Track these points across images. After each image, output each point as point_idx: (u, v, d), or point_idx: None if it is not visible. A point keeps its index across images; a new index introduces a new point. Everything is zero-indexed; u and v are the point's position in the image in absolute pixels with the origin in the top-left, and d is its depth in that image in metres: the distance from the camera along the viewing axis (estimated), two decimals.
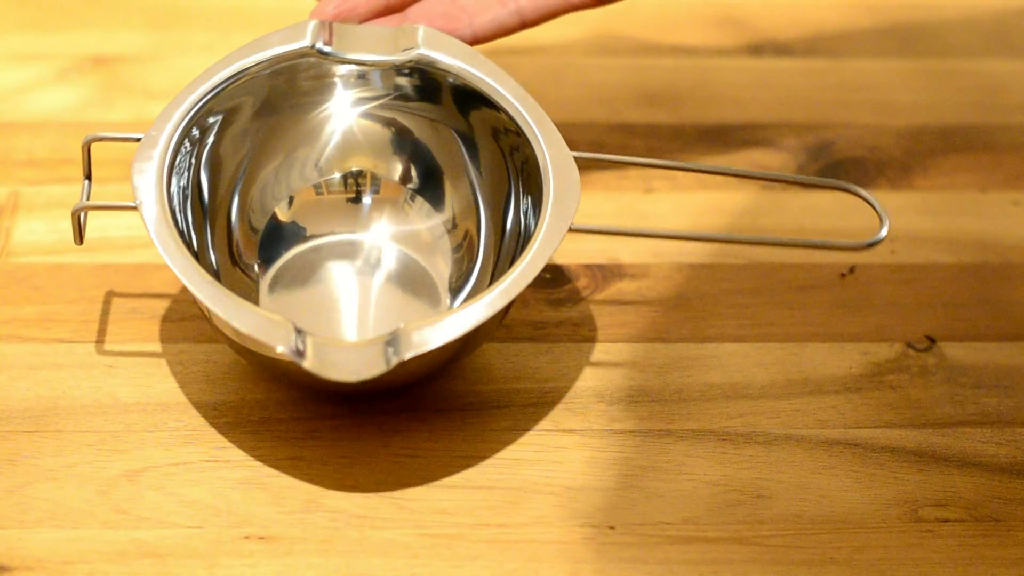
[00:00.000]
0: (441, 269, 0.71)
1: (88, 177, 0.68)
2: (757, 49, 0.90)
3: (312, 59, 0.69)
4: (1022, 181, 0.81)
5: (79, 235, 0.67)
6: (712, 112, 0.85)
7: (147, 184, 0.65)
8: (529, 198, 0.68)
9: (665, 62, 0.88)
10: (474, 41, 0.71)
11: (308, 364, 0.60)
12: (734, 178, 0.79)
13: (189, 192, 0.68)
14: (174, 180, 0.66)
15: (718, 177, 0.80)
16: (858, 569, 0.61)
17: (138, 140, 0.66)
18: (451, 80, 0.70)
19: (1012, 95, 0.87)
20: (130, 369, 0.68)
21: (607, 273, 0.74)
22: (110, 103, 0.83)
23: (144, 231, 0.63)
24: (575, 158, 0.66)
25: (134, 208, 0.64)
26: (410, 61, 0.69)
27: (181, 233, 0.64)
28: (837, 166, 0.81)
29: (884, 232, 0.66)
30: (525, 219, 0.68)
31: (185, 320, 0.70)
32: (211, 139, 0.69)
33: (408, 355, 0.60)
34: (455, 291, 0.70)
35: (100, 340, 0.69)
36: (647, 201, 0.78)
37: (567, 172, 0.66)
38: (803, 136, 0.83)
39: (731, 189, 0.79)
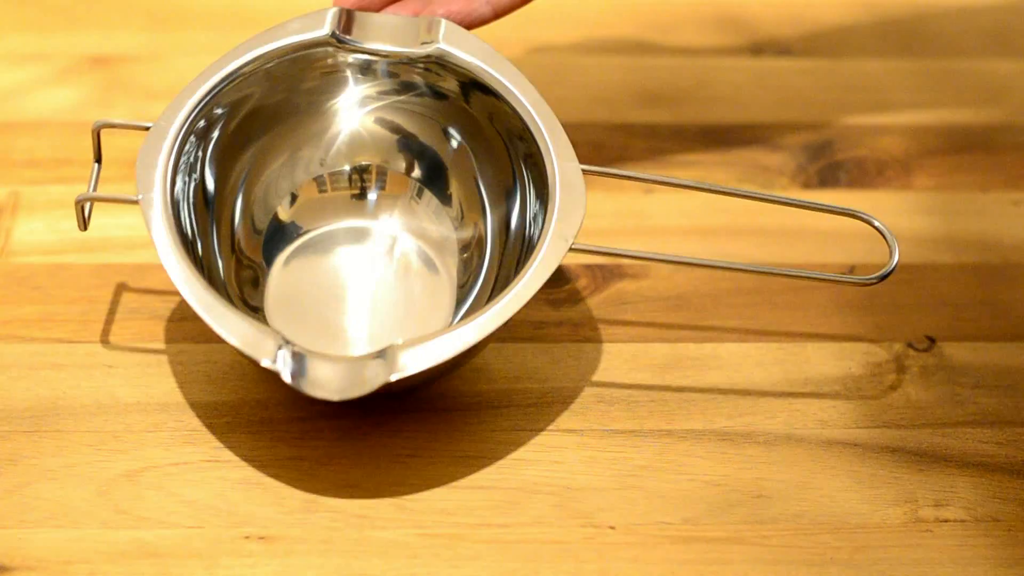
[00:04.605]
0: (449, 265, 0.71)
1: (98, 160, 0.68)
2: (757, 49, 0.90)
3: (326, 49, 0.69)
4: (1022, 181, 0.81)
5: (83, 222, 0.67)
6: (712, 112, 0.85)
7: (151, 177, 0.64)
8: (538, 203, 0.67)
9: (665, 62, 0.88)
10: (495, 15, 0.71)
11: (291, 380, 0.60)
12: (735, 179, 0.79)
13: (195, 188, 0.67)
14: (179, 177, 0.66)
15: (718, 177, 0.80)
16: (858, 569, 0.61)
17: (147, 129, 0.66)
18: (466, 79, 0.69)
19: (1012, 95, 0.87)
20: (130, 369, 0.68)
21: (607, 273, 0.74)
22: (110, 103, 0.83)
23: (144, 231, 0.63)
24: (584, 170, 0.66)
25: (136, 202, 0.64)
26: (427, 56, 0.69)
27: (183, 231, 0.64)
28: (837, 166, 0.81)
29: (895, 261, 0.66)
30: (531, 225, 0.67)
31: (185, 320, 0.70)
32: (217, 134, 0.68)
33: (394, 377, 0.60)
34: (463, 287, 0.70)
35: (100, 340, 0.69)
36: (647, 201, 0.78)
37: (574, 186, 0.65)
38: (803, 136, 0.83)
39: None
